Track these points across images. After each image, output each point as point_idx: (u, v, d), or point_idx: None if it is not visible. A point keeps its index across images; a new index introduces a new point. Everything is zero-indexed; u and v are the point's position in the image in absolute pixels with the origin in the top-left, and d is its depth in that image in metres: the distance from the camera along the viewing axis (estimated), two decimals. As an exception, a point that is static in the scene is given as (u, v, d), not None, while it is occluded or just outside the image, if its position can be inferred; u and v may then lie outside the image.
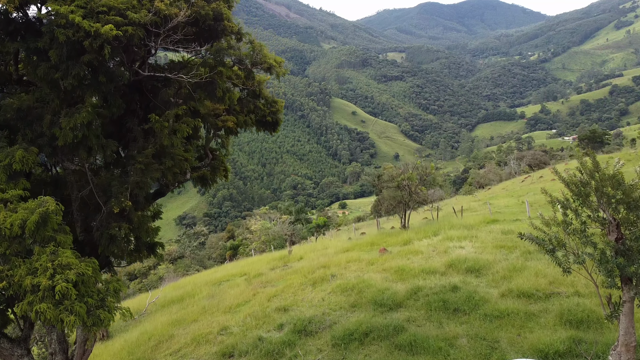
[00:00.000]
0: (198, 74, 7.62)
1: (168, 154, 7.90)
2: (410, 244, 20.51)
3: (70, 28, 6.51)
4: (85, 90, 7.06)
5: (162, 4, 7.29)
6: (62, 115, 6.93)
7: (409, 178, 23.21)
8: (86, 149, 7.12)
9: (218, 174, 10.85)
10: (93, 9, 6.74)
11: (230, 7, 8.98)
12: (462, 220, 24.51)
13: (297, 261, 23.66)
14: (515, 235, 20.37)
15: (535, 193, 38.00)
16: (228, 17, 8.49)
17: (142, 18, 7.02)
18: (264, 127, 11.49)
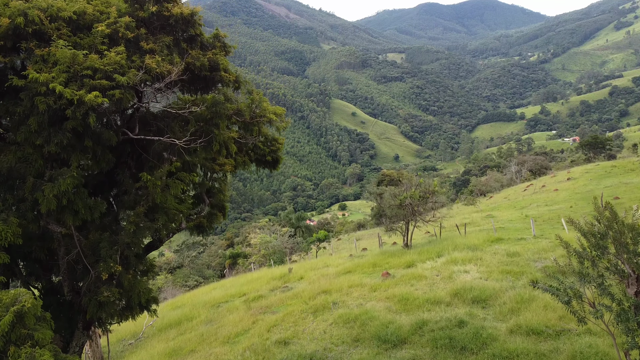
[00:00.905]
0: (192, 130, 7.16)
1: (161, 209, 7.45)
2: (414, 266, 20.03)
3: (51, 95, 6.05)
4: (71, 152, 6.60)
5: (152, 62, 6.83)
6: (46, 178, 6.47)
7: (411, 196, 22.73)
8: (72, 212, 6.66)
9: (215, 220, 10.37)
10: (77, 72, 6.26)
11: (227, 53, 8.52)
12: (465, 238, 24.04)
13: (298, 281, 23.18)
14: (521, 258, 19.93)
15: (538, 205, 37.59)
16: (225, 67, 8.03)
17: (131, 79, 6.55)
18: (264, 165, 11.03)
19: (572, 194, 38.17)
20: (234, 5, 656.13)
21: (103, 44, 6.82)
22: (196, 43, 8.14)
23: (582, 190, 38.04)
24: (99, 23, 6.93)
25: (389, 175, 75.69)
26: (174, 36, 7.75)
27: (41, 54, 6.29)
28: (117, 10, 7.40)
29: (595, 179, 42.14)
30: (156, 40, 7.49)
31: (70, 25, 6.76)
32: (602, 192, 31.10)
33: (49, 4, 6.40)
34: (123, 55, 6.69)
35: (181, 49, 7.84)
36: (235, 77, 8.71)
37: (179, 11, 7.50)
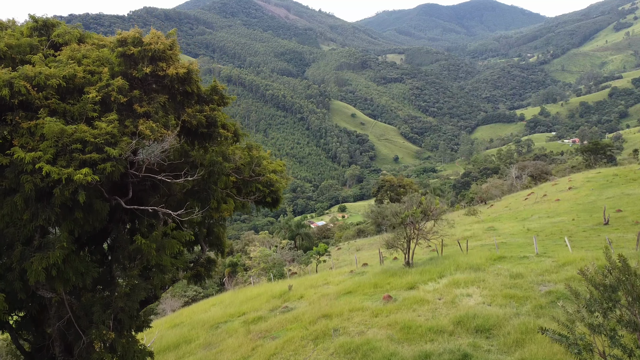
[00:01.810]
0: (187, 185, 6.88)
1: (157, 268, 7.17)
2: (416, 288, 19.74)
3: (38, 173, 5.75)
4: (61, 222, 6.30)
5: (146, 129, 6.53)
6: (35, 245, 6.17)
7: (412, 214, 22.44)
8: (63, 281, 6.35)
9: (213, 268, 10.06)
10: (66, 145, 5.95)
11: (226, 104, 8.21)
12: (467, 255, 23.76)
13: (298, 300, 22.88)
14: (524, 280, 19.64)
15: (540, 216, 37.29)
16: (223, 122, 7.74)
17: (124, 150, 6.26)
18: (264, 205, 10.73)
19: (574, 204, 37.88)
20: (234, 6, 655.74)
21: (94, 111, 6.52)
22: (193, 97, 7.84)
23: (584, 202, 37.75)
24: (91, 86, 6.63)
25: (389, 180, 75.45)
26: (169, 93, 7.45)
27: (28, 126, 5.99)
28: (110, 69, 7.10)
29: (597, 188, 41.85)
30: (150, 101, 7.19)
31: (59, 92, 6.46)
32: (605, 205, 30.82)
33: (37, 72, 6.10)
34: (115, 123, 6.39)
35: (177, 103, 7.53)
36: (234, 130, 8.41)
37: (174, 72, 7.20)
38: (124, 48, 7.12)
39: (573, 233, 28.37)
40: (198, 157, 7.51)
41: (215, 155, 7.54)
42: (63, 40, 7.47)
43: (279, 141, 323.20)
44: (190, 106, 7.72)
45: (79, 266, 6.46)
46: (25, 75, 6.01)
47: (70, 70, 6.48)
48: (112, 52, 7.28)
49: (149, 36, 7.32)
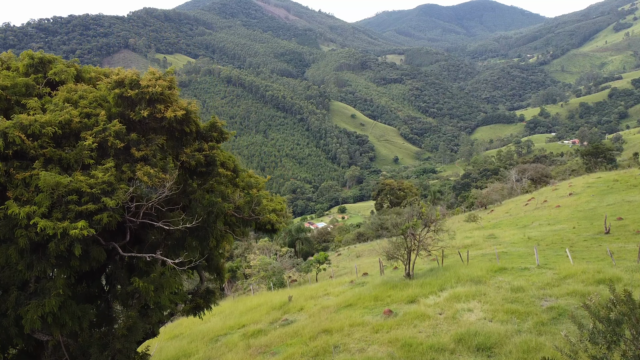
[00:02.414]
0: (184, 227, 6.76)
1: (156, 305, 7.05)
2: (416, 302, 19.62)
3: (32, 227, 5.63)
4: (57, 270, 6.18)
5: (144, 176, 6.41)
6: (31, 290, 6.05)
7: (413, 226, 22.33)
8: (59, 326, 6.23)
9: (212, 299, 9.93)
10: (61, 196, 5.82)
11: (225, 139, 8.10)
12: (468, 267, 23.64)
13: (298, 312, 22.76)
14: (526, 294, 19.51)
15: (540, 223, 37.19)
16: (222, 160, 7.62)
17: (120, 198, 6.15)
18: (263, 232, 10.62)
19: (574, 211, 37.77)
20: (234, 7, 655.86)
21: (91, 157, 6.41)
22: (191, 136, 7.72)
23: (585, 208, 37.64)
24: (87, 131, 6.51)
25: (388, 184, 75.31)
26: (168, 133, 7.34)
27: (23, 177, 5.88)
28: (107, 111, 6.98)
29: (598, 194, 41.73)
30: (148, 143, 7.08)
31: (55, 138, 6.33)
32: (606, 214, 30.71)
33: (32, 120, 5.97)
34: (112, 170, 6.27)
35: (176, 142, 7.41)
36: (234, 167, 8.28)
37: (172, 115, 7.08)
38: (121, 89, 7.00)
39: (574, 242, 28.24)
40: (197, 197, 7.41)
41: (215, 196, 7.43)
42: (59, 78, 7.35)
43: (279, 142, 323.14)
44: (189, 144, 7.61)
45: (76, 310, 6.33)
46: (20, 124, 5.87)
47: (67, 116, 6.34)
48: (109, 92, 7.15)
49: (146, 77, 7.19)
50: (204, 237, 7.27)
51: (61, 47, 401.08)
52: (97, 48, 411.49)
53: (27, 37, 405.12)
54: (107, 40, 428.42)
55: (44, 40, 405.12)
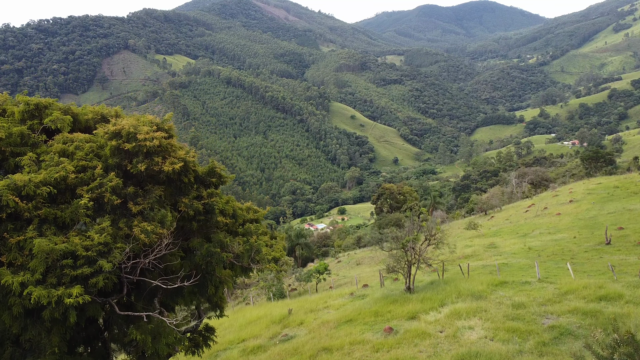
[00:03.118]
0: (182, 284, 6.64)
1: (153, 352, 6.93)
2: (417, 319, 19.50)
3: (27, 296, 5.52)
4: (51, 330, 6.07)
5: (141, 234, 6.30)
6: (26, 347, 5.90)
7: (414, 239, 22.23)
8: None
9: (211, 338, 9.79)
10: (56, 260, 5.70)
11: (224, 183, 8.00)
12: (468, 280, 23.53)
13: (298, 326, 22.64)
14: (527, 311, 19.40)
15: (541, 232, 37.09)
16: (221, 208, 7.50)
17: (117, 259, 6.04)
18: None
19: (575, 219, 37.67)
20: (233, 7, 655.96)
21: (87, 216, 6.30)
22: (190, 184, 7.60)
23: (585, 217, 37.55)
24: (83, 186, 6.40)
25: (388, 188, 75.18)
26: (165, 183, 7.22)
27: (16, 241, 5.77)
28: (103, 162, 6.86)
29: (599, 202, 41.64)
30: (146, 195, 6.97)
31: (49, 198, 6.21)
32: (607, 225, 30.60)
33: (26, 180, 5.86)
34: (108, 229, 6.17)
35: (174, 190, 7.28)
36: (232, 212, 8.17)
37: (170, 168, 6.97)
38: (117, 142, 6.88)
39: (575, 254, 28.14)
40: (195, 245, 7.30)
41: (213, 245, 7.32)
42: (55, 126, 7.24)
43: (279, 143, 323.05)
44: (187, 192, 7.49)
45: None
46: (14, 185, 5.76)
47: (62, 173, 6.23)
48: (106, 142, 7.03)
49: (144, 129, 7.03)
50: (203, 284, 7.17)
51: (61, 48, 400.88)
52: (96, 49, 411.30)
53: (27, 38, 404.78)
54: (107, 41, 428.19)
55: (44, 42, 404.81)
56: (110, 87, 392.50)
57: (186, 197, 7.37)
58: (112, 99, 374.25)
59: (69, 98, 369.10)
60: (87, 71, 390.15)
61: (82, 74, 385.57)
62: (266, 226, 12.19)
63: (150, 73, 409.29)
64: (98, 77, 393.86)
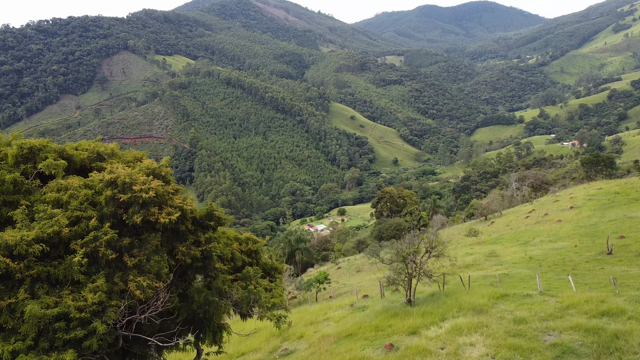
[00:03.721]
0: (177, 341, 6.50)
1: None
2: (418, 334, 19.34)
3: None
4: None
5: (137, 290, 6.14)
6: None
7: (415, 252, 22.09)
8: None
9: None
10: (48, 323, 5.51)
11: (223, 224, 7.84)
12: (469, 293, 23.36)
13: (298, 339, 22.49)
14: (529, 326, 19.25)
15: (541, 239, 36.95)
16: (219, 253, 7.33)
17: (111, 319, 5.87)
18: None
19: (575, 227, 37.53)
20: (233, 8, 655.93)
21: (80, 272, 6.14)
22: (188, 231, 7.44)
23: (586, 224, 37.41)
24: (77, 240, 6.25)
25: (388, 192, 75.04)
26: (162, 231, 7.06)
27: (7, 303, 5.60)
28: (98, 211, 6.71)
29: (599, 208, 41.51)
30: (142, 245, 6.81)
31: (41, 256, 6.06)
32: (608, 234, 30.45)
33: (18, 240, 5.70)
34: (103, 286, 6.01)
35: (172, 237, 7.12)
36: (231, 256, 8.02)
37: (167, 220, 6.82)
38: (113, 191, 6.72)
39: (576, 264, 28.00)
40: (193, 292, 7.13)
41: (211, 294, 7.15)
42: (49, 171, 7.08)
43: (278, 144, 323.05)
44: (184, 238, 7.33)
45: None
46: (5, 244, 5.60)
47: (56, 228, 6.08)
48: (101, 189, 6.87)
49: (140, 178, 6.86)
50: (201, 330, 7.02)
51: (60, 48, 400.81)
52: (96, 49, 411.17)
53: (26, 39, 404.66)
54: (107, 41, 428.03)
55: (43, 42, 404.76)
56: (110, 87, 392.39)
57: (183, 245, 7.20)
58: (112, 100, 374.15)
59: (68, 99, 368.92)
60: (87, 72, 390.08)
61: (82, 75, 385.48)
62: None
63: (150, 74, 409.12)
64: (98, 77, 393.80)
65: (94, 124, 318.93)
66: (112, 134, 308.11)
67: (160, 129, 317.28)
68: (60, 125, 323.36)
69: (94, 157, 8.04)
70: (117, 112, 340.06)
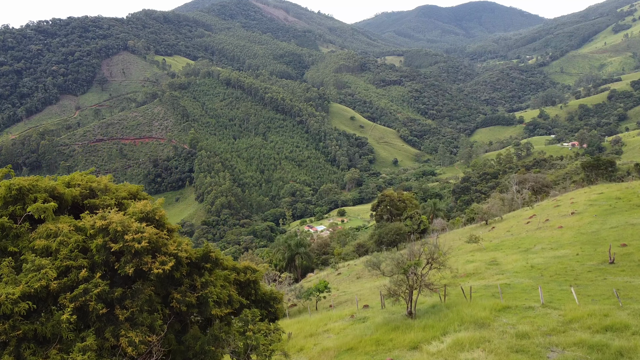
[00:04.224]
0: None
1: None
2: (419, 349, 19.12)
3: None
4: None
5: (129, 347, 5.87)
6: None
7: (416, 264, 21.86)
8: None
9: None
10: None
11: (220, 264, 7.59)
12: (470, 305, 23.13)
13: (297, 353, 22.25)
14: (531, 342, 19.01)
15: (543, 247, 36.73)
16: (216, 298, 7.09)
17: None
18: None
19: (577, 234, 37.32)
20: (233, 8, 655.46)
21: (69, 330, 5.89)
22: (183, 276, 7.19)
23: (588, 231, 37.20)
24: (66, 293, 6.00)
25: (388, 195, 74.77)
26: (156, 279, 6.83)
27: None
28: (89, 259, 6.46)
29: (601, 215, 41.29)
30: (134, 296, 6.57)
31: (27, 314, 5.82)
32: (610, 244, 30.23)
33: (3, 298, 5.44)
34: (93, 345, 5.74)
35: (166, 283, 6.88)
36: (228, 299, 7.76)
37: (160, 270, 6.57)
38: (104, 239, 6.48)
39: (578, 274, 27.77)
40: (188, 339, 6.88)
41: (207, 341, 6.91)
42: (38, 215, 6.84)
43: (278, 144, 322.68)
44: (180, 283, 7.07)
45: None
46: None
47: (43, 282, 5.84)
48: (93, 234, 6.64)
49: (134, 226, 6.61)
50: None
51: (60, 49, 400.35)
52: (96, 50, 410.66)
53: (26, 39, 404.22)
54: (106, 42, 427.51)
55: (43, 43, 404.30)
56: (110, 88, 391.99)
57: (178, 291, 6.93)
58: (112, 100, 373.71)
59: (68, 99, 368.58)
60: (87, 72, 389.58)
61: (82, 75, 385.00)
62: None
63: (150, 74, 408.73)
64: (97, 78, 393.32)
65: (93, 125, 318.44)
66: (112, 135, 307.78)
67: (160, 130, 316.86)
68: (59, 126, 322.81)
69: (86, 193, 7.77)
70: (117, 112, 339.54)
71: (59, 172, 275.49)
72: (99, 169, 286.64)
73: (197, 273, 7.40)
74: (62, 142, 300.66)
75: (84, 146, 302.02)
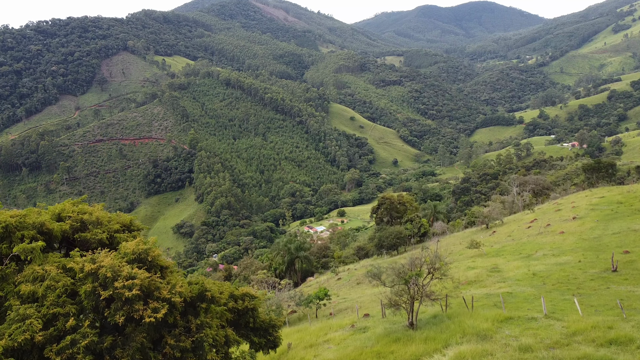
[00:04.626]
0: None
1: None
2: (420, 363, 18.84)
3: None
4: None
5: None
6: None
7: (417, 274, 21.59)
8: None
9: None
10: None
11: (216, 302, 7.32)
12: (472, 315, 22.86)
13: (297, 364, 21.99)
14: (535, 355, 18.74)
15: (544, 253, 36.47)
16: (211, 341, 6.82)
17: None
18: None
19: (579, 240, 37.06)
20: (233, 8, 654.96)
21: None
22: (177, 320, 6.91)
23: (589, 237, 36.95)
24: (52, 344, 5.73)
25: (388, 198, 74.52)
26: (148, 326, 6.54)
27: None
28: (78, 305, 6.20)
29: (602, 220, 41.03)
30: (125, 343, 6.29)
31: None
32: (613, 251, 29.98)
33: None
34: None
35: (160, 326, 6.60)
36: (225, 340, 7.48)
37: (152, 319, 6.30)
38: (93, 284, 6.20)
39: (581, 282, 27.51)
40: None
41: None
42: (25, 256, 6.58)
43: (278, 145, 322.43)
44: (174, 325, 6.79)
45: None
46: None
47: (27, 335, 5.56)
48: (82, 278, 6.37)
49: (125, 270, 6.32)
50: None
51: (60, 49, 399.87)
52: (95, 50, 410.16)
53: (26, 40, 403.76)
54: (106, 42, 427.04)
55: (43, 43, 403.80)
56: (109, 88, 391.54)
57: (172, 336, 6.62)
58: (111, 101, 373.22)
59: (67, 99, 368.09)
60: (86, 72, 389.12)
61: (81, 76, 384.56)
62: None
63: (150, 74, 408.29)
64: (97, 78, 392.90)
65: (93, 125, 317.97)
66: (112, 135, 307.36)
67: (160, 130, 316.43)
68: (59, 127, 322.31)
69: (77, 226, 7.48)
70: (117, 113, 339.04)
71: (58, 172, 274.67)
72: (98, 170, 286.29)
73: (193, 313, 7.11)
74: (62, 143, 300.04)
75: (84, 146, 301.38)
